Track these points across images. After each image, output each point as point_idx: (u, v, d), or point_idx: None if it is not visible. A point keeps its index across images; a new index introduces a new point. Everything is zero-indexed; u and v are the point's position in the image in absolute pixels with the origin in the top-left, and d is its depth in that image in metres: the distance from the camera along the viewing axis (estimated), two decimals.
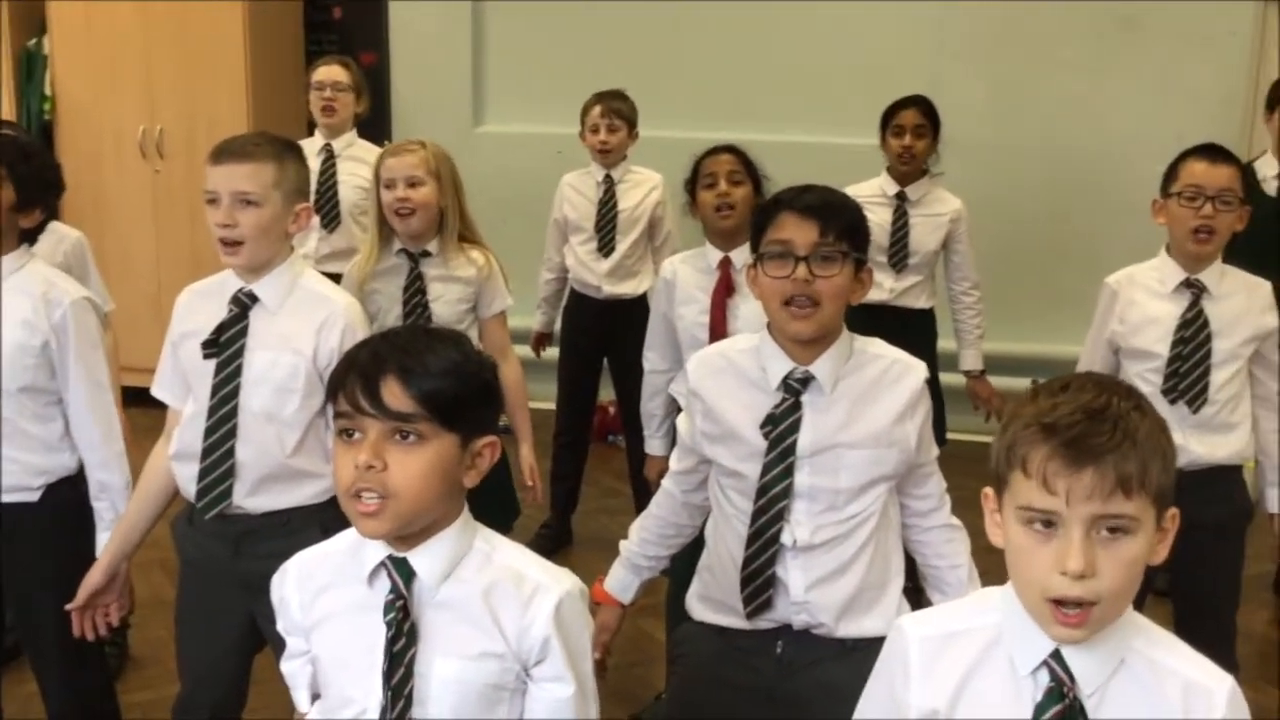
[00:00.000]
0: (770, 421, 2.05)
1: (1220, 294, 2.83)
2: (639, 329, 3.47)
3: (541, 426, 5.00)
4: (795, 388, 2.06)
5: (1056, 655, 1.38)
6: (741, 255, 2.99)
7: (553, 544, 4.39)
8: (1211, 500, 2.67)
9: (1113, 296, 2.93)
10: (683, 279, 3.13)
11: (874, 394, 2.07)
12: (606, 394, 4.64)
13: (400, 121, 6.02)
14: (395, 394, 1.50)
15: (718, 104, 5.64)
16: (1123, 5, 5.45)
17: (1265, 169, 4.00)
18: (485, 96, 6.15)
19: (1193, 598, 2.82)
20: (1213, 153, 2.82)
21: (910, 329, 4.02)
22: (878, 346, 2.14)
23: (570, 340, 4.48)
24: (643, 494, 4.40)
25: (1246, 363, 2.84)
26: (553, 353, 4.61)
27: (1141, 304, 2.88)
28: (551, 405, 4.59)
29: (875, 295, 3.98)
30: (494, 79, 6.13)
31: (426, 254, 3.16)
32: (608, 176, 4.33)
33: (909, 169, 4.06)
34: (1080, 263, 5.18)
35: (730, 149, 3.13)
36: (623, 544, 2.36)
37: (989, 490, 1.42)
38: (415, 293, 3.16)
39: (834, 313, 2.04)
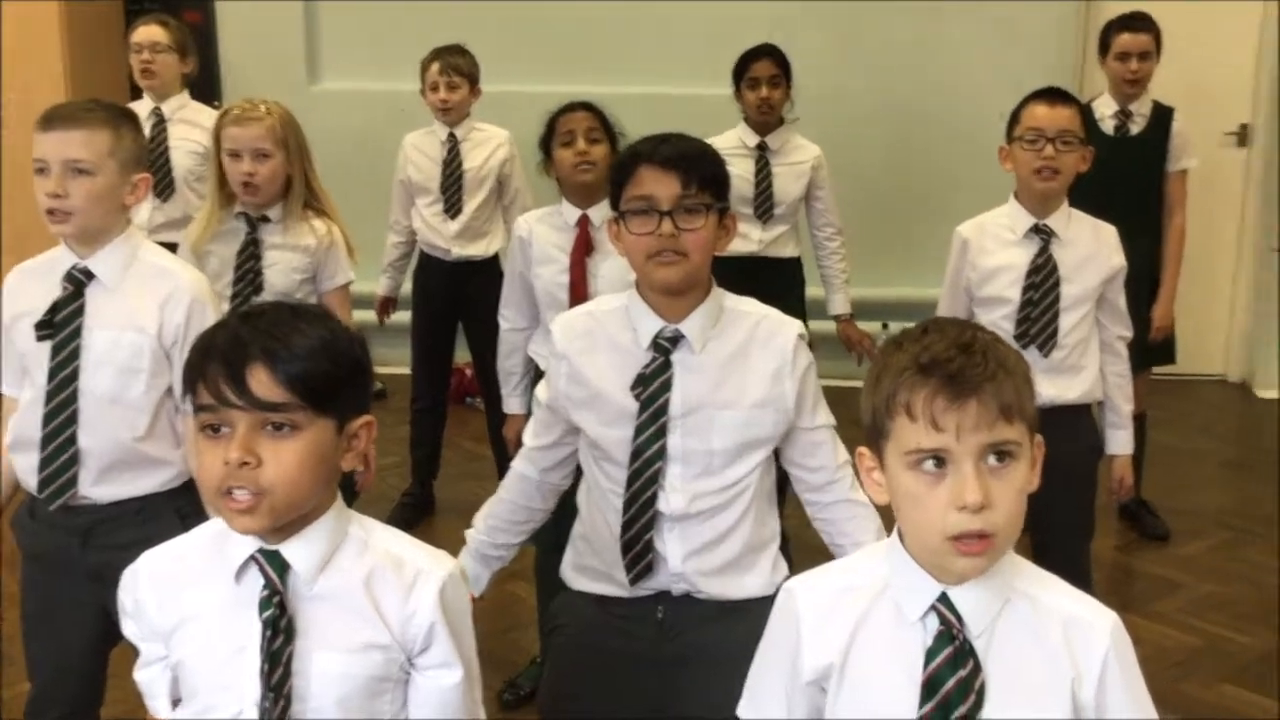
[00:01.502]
0: (640, 382, 2.02)
1: (1068, 239, 2.90)
2: (492, 290, 3.41)
3: (399, 392, 4.94)
4: (665, 346, 2.02)
5: (944, 599, 1.38)
6: (600, 212, 2.95)
7: (415, 513, 4.31)
8: (1064, 439, 2.69)
9: (964, 245, 2.98)
10: (539, 237, 3.07)
11: (745, 353, 2.04)
12: (463, 356, 4.56)
13: (231, 82, 5.78)
14: (263, 382, 1.39)
15: (564, 57, 5.58)
16: None
17: (1103, 108, 4.12)
18: (321, 52, 5.95)
19: (1049, 532, 2.89)
20: (1052, 95, 2.87)
21: (781, 278, 4.06)
22: (749, 304, 2.11)
23: (422, 304, 4.38)
24: (504, 457, 4.34)
25: (1093, 306, 2.92)
26: (408, 318, 4.49)
27: (993, 251, 2.93)
28: (408, 370, 4.49)
29: (744, 247, 4.01)
30: (330, 34, 5.93)
31: (266, 219, 3.05)
32: (451, 135, 4.22)
33: (767, 119, 4.04)
34: (929, 207, 5.31)
35: (586, 106, 3.07)
36: (470, 533, 2.28)
37: (864, 449, 1.42)
38: (249, 258, 3.04)
39: (701, 263, 2.01)
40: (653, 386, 2.01)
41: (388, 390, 5.21)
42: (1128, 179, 2.95)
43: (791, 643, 1.46)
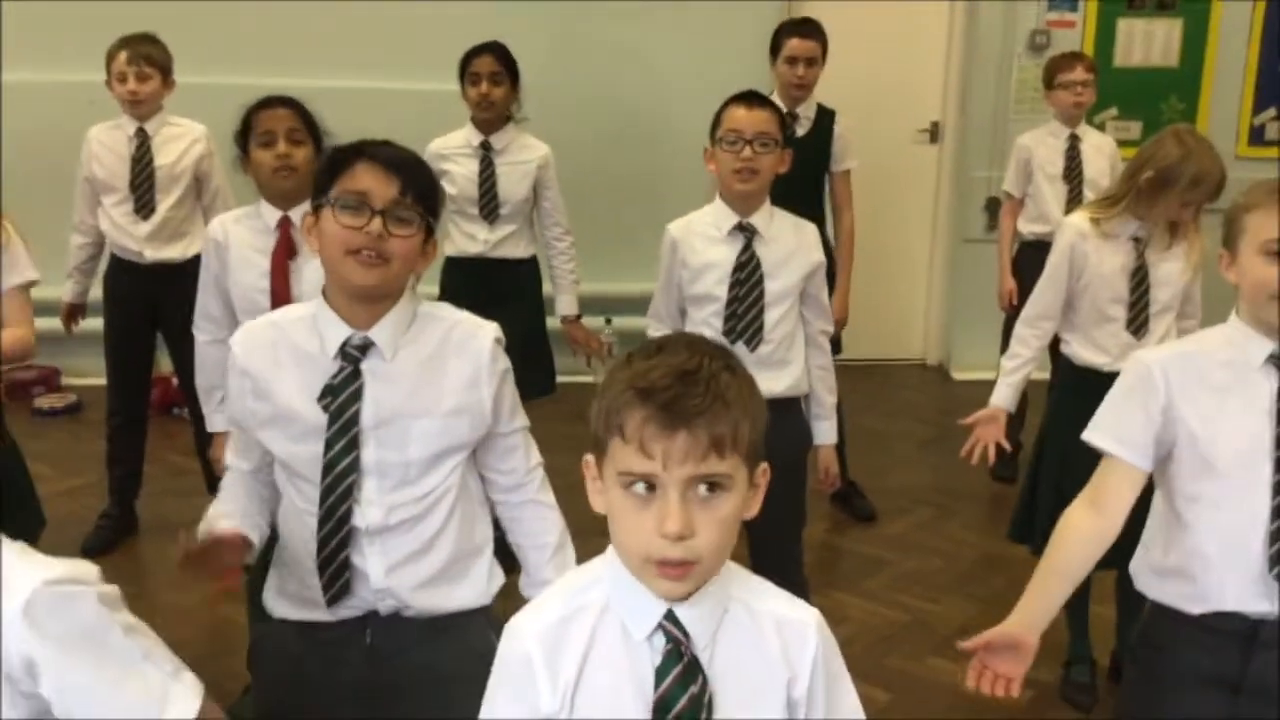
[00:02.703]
0: (329, 392, 1.92)
1: (770, 236, 2.97)
2: (191, 294, 3.20)
3: (94, 405, 4.63)
4: (354, 355, 1.93)
5: (670, 616, 1.38)
6: (303, 213, 2.81)
7: (115, 534, 4.05)
8: (772, 432, 2.81)
9: (674, 244, 3.02)
10: (236, 240, 2.87)
11: (440, 358, 1.97)
12: (168, 364, 4.31)
13: None
14: None
15: (271, 48, 5.35)
16: None
17: (804, 112, 4.26)
18: (1, 41, 5.49)
19: (763, 525, 2.96)
20: (750, 99, 2.94)
21: (514, 279, 4.00)
22: (443, 310, 2.04)
23: (114, 311, 4.10)
24: (213, 472, 4.14)
25: (796, 301, 3.01)
26: (101, 325, 4.20)
27: (700, 250, 2.98)
28: (104, 381, 4.21)
29: (471, 248, 3.97)
30: (11, 20, 5.48)
31: None
32: (140, 130, 3.97)
33: (490, 116, 3.96)
34: (644, 203, 5.38)
35: (287, 101, 2.87)
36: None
37: (589, 457, 1.41)
38: None
39: (400, 273, 1.93)
40: (342, 397, 1.92)
41: (83, 403, 4.88)
42: (794, 180, 3.08)
43: (526, 685, 1.41)
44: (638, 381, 1.32)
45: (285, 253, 2.84)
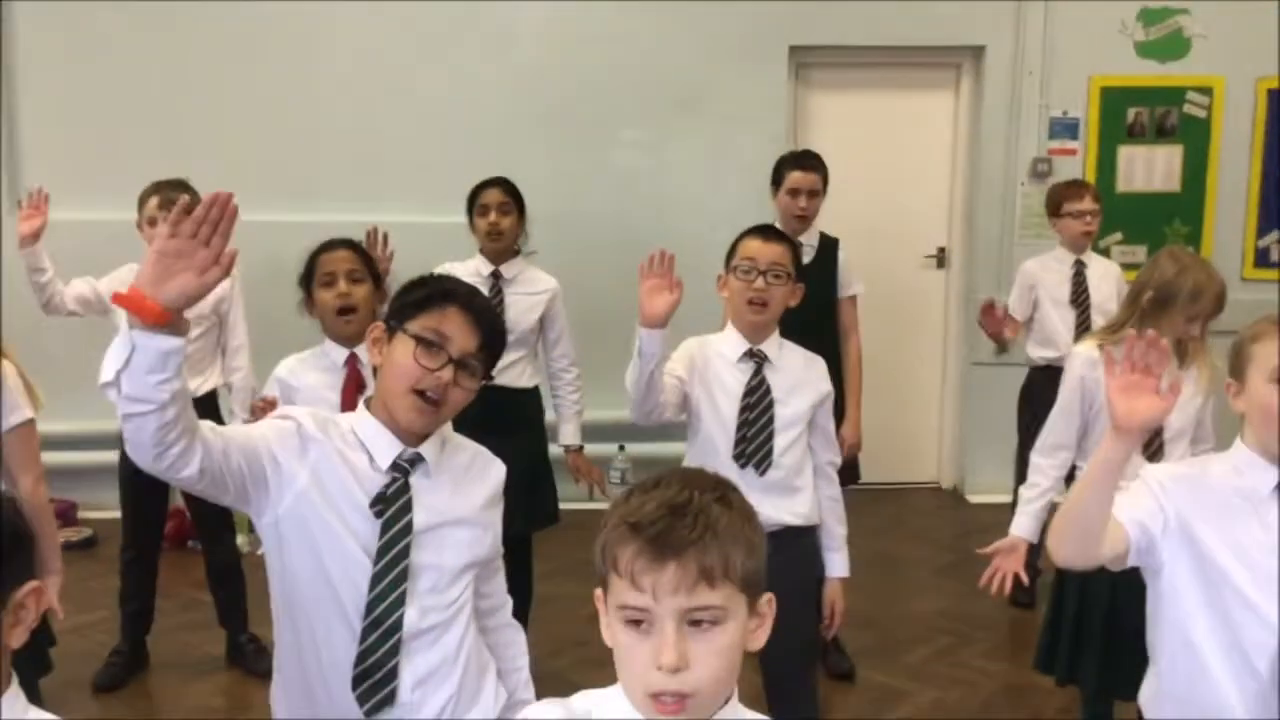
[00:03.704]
0: (380, 501, 1.98)
1: (780, 365, 3.01)
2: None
3: (110, 539, 4.63)
4: (405, 468, 2.02)
5: None
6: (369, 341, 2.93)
7: (125, 672, 4.00)
8: (785, 562, 2.79)
9: (690, 355, 3.04)
10: (305, 381, 3.01)
11: (468, 477, 2.10)
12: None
13: None
14: None
15: (279, 182, 5.47)
16: (677, 89, 5.80)
17: (807, 240, 4.33)
18: (21, 178, 5.63)
19: (775, 657, 2.92)
20: (766, 232, 3.03)
21: (517, 408, 4.02)
22: (460, 439, 2.14)
23: None
24: (227, 603, 4.13)
25: (805, 430, 3.02)
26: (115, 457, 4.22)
27: (717, 370, 3.02)
28: (116, 514, 4.21)
29: None
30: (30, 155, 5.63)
31: None
32: None
33: (499, 246, 4.05)
34: None
35: (346, 243, 3.05)
36: None
37: (598, 591, 1.42)
38: None
39: (449, 417, 2.05)
40: (395, 506, 1.98)
41: (98, 537, 4.88)
42: (803, 308, 3.14)
43: None
44: (630, 516, 1.35)
45: (355, 389, 2.94)
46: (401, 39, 5.72)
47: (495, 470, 2.15)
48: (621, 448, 5.74)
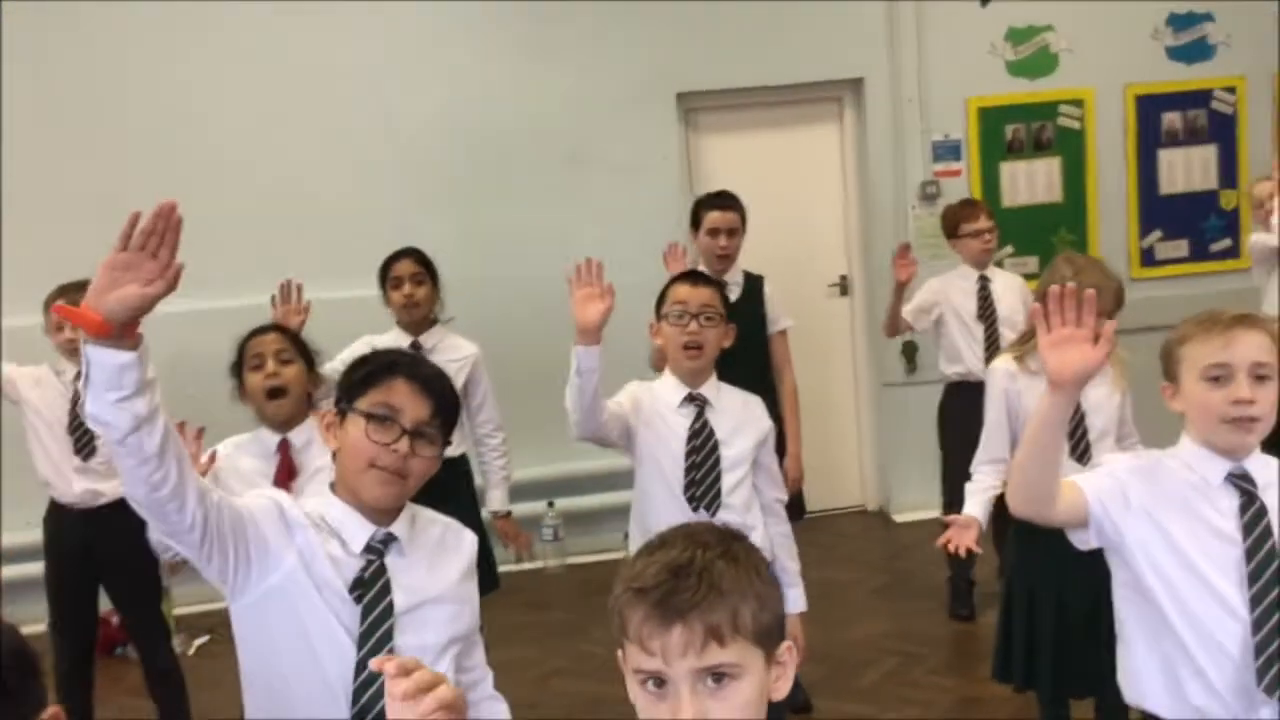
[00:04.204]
0: (359, 586, 1.95)
1: (720, 406, 3.05)
2: (126, 532, 3.13)
3: (40, 654, 4.45)
4: (379, 549, 1.99)
5: None
6: (301, 435, 2.97)
7: None
8: None
9: (636, 397, 3.07)
10: (242, 467, 2.98)
11: (441, 552, 2.08)
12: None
13: None
14: None
15: (205, 272, 5.30)
16: (567, 143, 5.84)
17: (732, 279, 4.38)
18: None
19: None
20: (693, 277, 3.13)
21: (446, 478, 3.97)
22: (428, 512, 2.13)
23: (54, 563, 3.97)
24: (170, 706, 4.00)
25: (751, 469, 3.06)
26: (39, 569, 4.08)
27: (661, 413, 3.05)
28: (43, 628, 4.06)
29: None
30: None
31: None
32: (79, 373, 3.91)
33: (415, 317, 4.06)
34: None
35: (274, 328, 3.07)
36: None
37: (620, 652, 1.42)
38: None
39: (415, 488, 2.02)
40: (374, 589, 1.95)
41: None
42: (734, 346, 3.21)
43: None
44: (634, 581, 1.35)
45: (287, 475, 2.94)
46: (292, 119, 5.67)
47: (467, 541, 2.13)
48: (550, 504, 5.73)
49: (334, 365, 3.94)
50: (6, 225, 5.39)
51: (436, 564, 2.05)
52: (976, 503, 3.27)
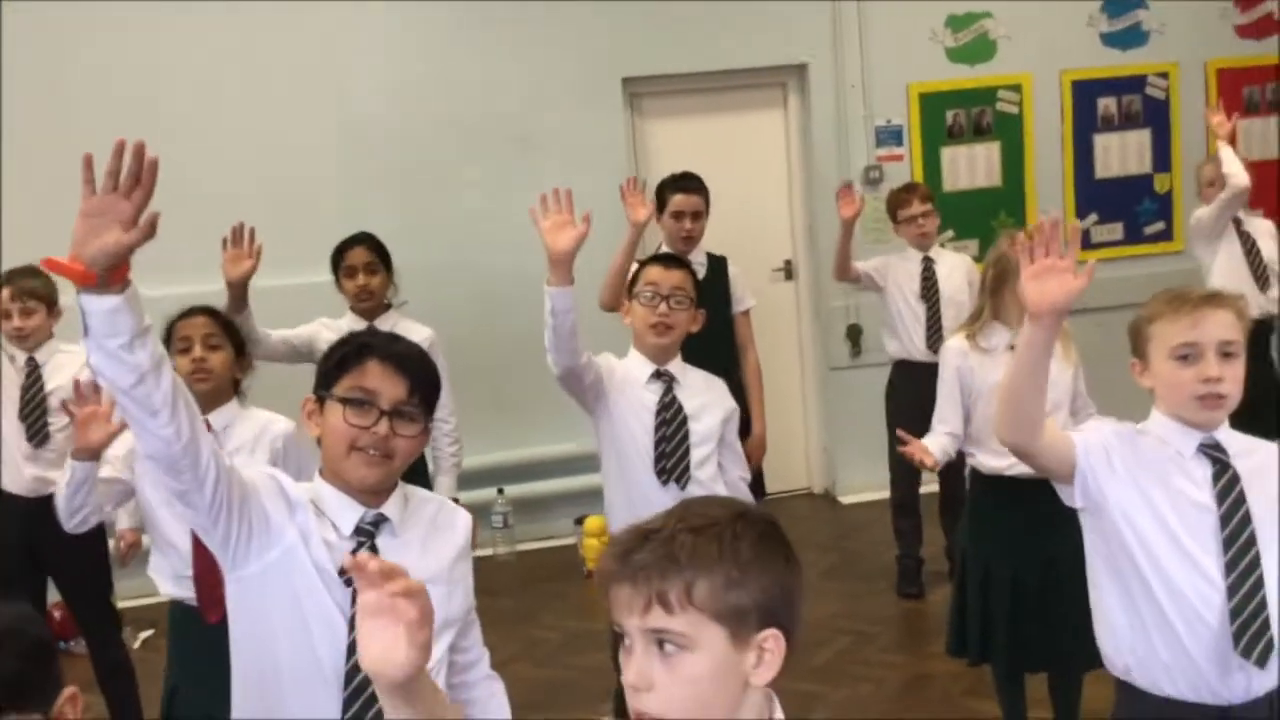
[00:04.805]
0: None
1: (686, 383, 3.10)
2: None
3: None
4: (369, 530, 1.98)
5: None
6: (221, 418, 2.91)
7: None
8: None
9: (611, 367, 3.09)
10: None
11: (434, 532, 2.06)
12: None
13: None
14: None
15: (154, 258, 5.25)
16: (515, 128, 5.82)
17: (696, 259, 4.40)
18: None
19: None
20: (666, 260, 3.17)
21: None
22: (422, 492, 2.13)
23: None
24: (121, 699, 3.94)
25: (717, 446, 3.09)
26: None
27: (632, 386, 3.08)
28: None
29: None
30: None
31: None
32: (30, 359, 3.88)
33: (369, 305, 4.04)
34: (522, 368, 5.40)
35: (204, 310, 2.99)
36: None
37: None
38: None
39: (402, 468, 2.01)
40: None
41: None
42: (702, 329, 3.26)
43: None
44: (612, 544, 1.40)
45: None
46: (242, 107, 5.59)
47: (461, 521, 2.11)
48: (500, 490, 5.73)
49: (283, 334, 3.94)
50: None
51: (430, 544, 2.03)
52: (935, 442, 3.32)
